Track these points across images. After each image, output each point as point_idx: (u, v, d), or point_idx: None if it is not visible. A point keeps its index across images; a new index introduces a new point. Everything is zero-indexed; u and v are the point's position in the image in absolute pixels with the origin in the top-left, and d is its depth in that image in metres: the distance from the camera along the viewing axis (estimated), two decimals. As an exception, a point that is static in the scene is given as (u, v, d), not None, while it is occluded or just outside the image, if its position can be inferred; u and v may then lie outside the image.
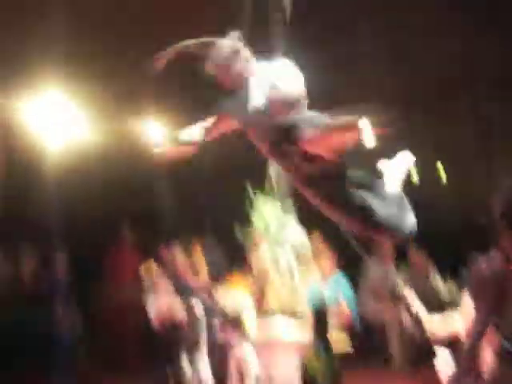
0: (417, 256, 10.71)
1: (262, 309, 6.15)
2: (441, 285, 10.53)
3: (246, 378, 5.76)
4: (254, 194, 6.17)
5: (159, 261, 8.35)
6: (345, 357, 7.22)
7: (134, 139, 11.62)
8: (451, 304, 11.46)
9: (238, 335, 7.07)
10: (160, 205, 12.56)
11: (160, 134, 10.79)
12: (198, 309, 7.82)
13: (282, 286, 5.93)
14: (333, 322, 8.01)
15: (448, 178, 14.67)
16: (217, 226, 11.95)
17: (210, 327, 7.78)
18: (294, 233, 6.08)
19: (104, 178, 11.47)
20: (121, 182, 11.70)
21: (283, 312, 5.93)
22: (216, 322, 7.80)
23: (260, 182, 6.33)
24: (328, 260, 8.54)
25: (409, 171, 3.66)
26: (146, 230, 10.96)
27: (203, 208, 12.52)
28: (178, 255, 8.21)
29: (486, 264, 3.21)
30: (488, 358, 2.51)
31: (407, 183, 3.44)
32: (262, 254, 6.12)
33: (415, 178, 13.16)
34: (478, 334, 2.46)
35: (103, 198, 11.60)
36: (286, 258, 5.95)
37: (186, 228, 10.07)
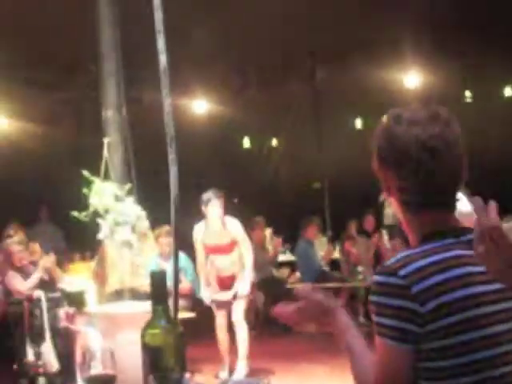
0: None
1: (104, 289, 6.17)
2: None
3: (91, 361, 5.74)
4: (91, 178, 6.14)
5: None
6: (187, 322, 7.42)
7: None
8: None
9: (81, 320, 7.05)
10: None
11: None
12: (41, 298, 7.70)
13: (122, 263, 5.97)
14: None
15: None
16: (55, 213, 11.78)
17: (54, 316, 7.69)
18: (133, 211, 6.11)
19: None
20: None
21: (125, 289, 6.00)
22: (60, 311, 7.73)
23: (96, 167, 6.33)
24: (167, 237, 8.74)
25: None
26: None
27: (38, 195, 12.27)
28: (16, 245, 8.01)
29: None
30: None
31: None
32: (102, 235, 6.12)
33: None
34: None
35: None
36: (125, 236, 5.98)
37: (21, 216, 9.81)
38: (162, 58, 5.36)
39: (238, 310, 7.95)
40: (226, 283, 7.98)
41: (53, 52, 10.18)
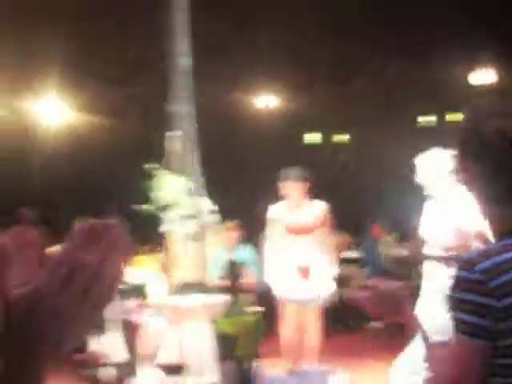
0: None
1: (171, 281, 6.21)
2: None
3: (160, 351, 5.81)
4: (155, 170, 6.19)
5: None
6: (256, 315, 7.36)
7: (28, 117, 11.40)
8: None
9: (147, 311, 7.11)
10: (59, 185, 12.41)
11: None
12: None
13: (188, 257, 6.00)
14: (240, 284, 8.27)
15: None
16: (120, 205, 11.90)
17: (120, 307, 7.77)
18: (200, 204, 6.14)
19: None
20: (18, 161, 11.49)
21: (192, 281, 6.02)
22: (126, 302, 7.81)
23: (159, 159, 6.38)
24: (234, 230, 8.77)
25: None
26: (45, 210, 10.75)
27: (103, 187, 12.43)
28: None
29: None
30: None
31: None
32: (168, 229, 6.16)
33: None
34: None
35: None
36: (192, 229, 6.01)
37: (87, 209, 9.93)
38: (184, 61, 5.31)
39: (315, 312, 7.44)
40: (303, 272, 7.38)
41: (123, 48, 10.31)
